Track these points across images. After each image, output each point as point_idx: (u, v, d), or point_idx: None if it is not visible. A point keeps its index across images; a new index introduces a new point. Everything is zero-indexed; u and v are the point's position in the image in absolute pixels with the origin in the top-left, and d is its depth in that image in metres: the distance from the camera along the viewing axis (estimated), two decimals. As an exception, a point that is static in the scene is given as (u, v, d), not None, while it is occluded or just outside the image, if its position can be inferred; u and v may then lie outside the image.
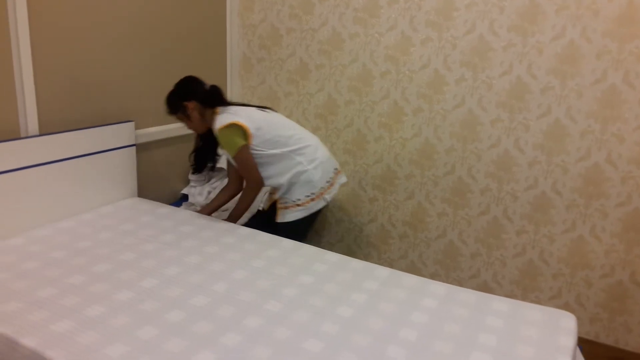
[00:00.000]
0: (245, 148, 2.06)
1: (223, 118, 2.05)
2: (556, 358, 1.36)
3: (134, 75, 2.48)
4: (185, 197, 2.84)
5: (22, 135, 2.02)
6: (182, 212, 2.29)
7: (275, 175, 2.17)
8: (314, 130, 2.86)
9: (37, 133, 2.06)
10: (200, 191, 2.77)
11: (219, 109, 2.12)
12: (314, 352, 1.34)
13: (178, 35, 2.68)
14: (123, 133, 2.39)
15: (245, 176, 2.15)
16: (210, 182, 2.80)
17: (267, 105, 2.43)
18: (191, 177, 2.85)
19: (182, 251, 1.88)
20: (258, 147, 2.10)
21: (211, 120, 2.12)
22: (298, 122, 2.92)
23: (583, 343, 2.42)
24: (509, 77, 2.35)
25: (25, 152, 1.98)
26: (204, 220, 2.21)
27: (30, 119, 2.02)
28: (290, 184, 2.17)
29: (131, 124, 2.42)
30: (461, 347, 1.39)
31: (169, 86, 2.21)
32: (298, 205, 2.18)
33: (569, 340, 1.43)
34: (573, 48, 2.20)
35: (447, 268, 2.69)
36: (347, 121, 2.79)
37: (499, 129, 2.41)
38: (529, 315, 1.56)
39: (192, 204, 2.67)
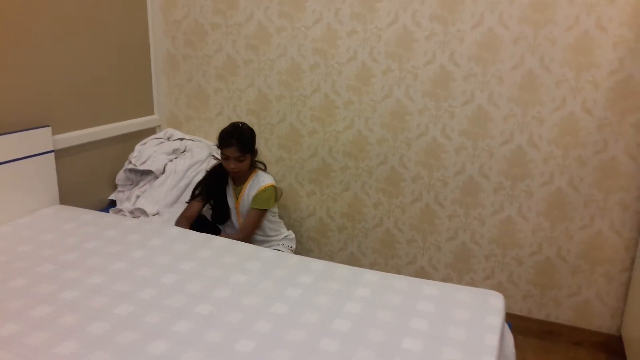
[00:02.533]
0: (267, 212, 2.45)
1: (267, 177, 2.42)
2: (485, 337, 1.39)
3: (50, 77, 2.33)
4: (113, 203, 2.72)
5: None
6: (107, 217, 2.19)
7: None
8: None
9: (-62, 142, 1.90)
10: (129, 196, 2.66)
11: (259, 168, 2.48)
12: (245, 353, 1.30)
13: (97, 33, 2.55)
14: (39, 139, 2.24)
15: (249, 229, 2.41)
16: (139, 185, 2.69)
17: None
18: (118, 181, 2.73)
19: (105, 257, 1.79)
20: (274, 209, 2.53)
21: (247, 174, 2.42)
22: (229, 119, 2.86)
23: (517, 319, 2.52)
24: (433, 67, 2.39)
25: None
26: (130, 222, 2.12)
27: None
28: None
29: (48, 129, 2.28)
30: (393, 334, 1.40)
31: (90, 89, 2.10)
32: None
33: (496, 319, 1.47)
34: (492, 36, 2.27)
35: (386, 256, 2.73)
36: (280, 116, 2.76)
37: (426, 117, 2.46)
38: (459, 297, 1.59)
39: (120, 210, 2.55)
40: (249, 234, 2.41)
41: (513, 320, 2.51)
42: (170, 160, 2.72)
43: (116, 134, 2.73)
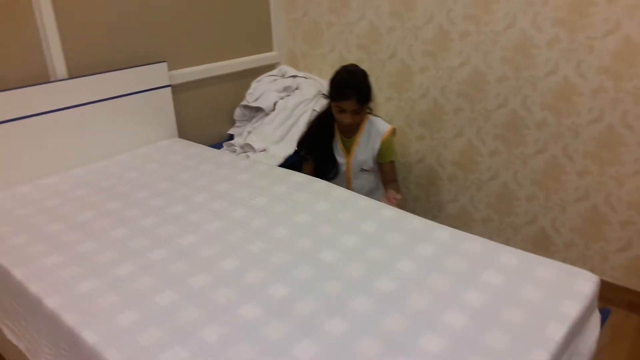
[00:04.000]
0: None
1: (381, 122, 2.12)
2: (549, 326, 1.13)
3: (165, 15, 2.45)
4: (232, 138, 2.85)
5: (51, 79, 2.12)
6: (210, 151, 2.29)
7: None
8: (359, 62, 2.66)
9: (66, 77, 2.15)
10: (242, 131, 2.75)
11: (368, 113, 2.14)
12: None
13: (210, -31, 2.59)
14: (156, 74, 2.41)
15: (391, 179, 2.16)
16: (252, 121, 2.76)
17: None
18: (235, 116, 2.84)
19: (191, 189, 1.88)
20: None
21: (360, 119, 2.07)
22: (341, 56, 2.73)
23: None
24: (571, -14, 1.92)
25: (56, 95, 2.08)
26: (245, 162, 2.18)
27: (58, 63, 2.11)
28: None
29: (164, 65, 2.43)
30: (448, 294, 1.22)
31: (203, 26, 2.16)
32: None
33: (574, 307, 1.19)
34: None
35: (501, 213, 2.42)
36: (390, 51, 2.53)
37: (556, 52, 2.02)
38: (539, 273, 1.32)
39: (232, 144, 2.66)
40: (393, 185, 2.15)
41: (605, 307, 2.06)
42: (282, 98, 2.73)
43: (235, 70, 2.81)
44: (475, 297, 1.24)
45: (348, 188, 1.98)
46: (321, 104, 2.68)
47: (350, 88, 1.93)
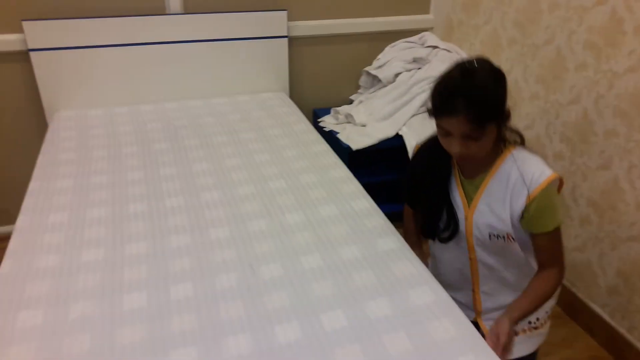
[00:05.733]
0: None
1: (535, 161, 1.13)
2: None
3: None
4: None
5: (166, 12, 2.18)
6: (306, 126, 2.01)
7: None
8: (509, 44, 2.09)
9: (181, 11, 2.19)
10: (359, 99, 2.47)
11: (515, 144, 1.18)
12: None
13: None
14: (274, 22, 2.29)
15: (550, 259, 1.18)
16: (370, 90, 2.45)
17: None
18: (360, 82, 2.57)
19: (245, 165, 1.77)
20: None
21: (491, 156, 1.16)
22: (494, 31, 2.19)
23: None
24: None
25: (168, 28, 2.14)
26: (315, 140, 1.91)
27: (173, -1, 2.15)
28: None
29: (283, 13, 2.29)
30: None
31: None
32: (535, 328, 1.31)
33: None
34: None
35: None
36: (548, 35, 1.90)
37: None
38: None
39: (338, 112, 2.42)
40: (555, 265, 1.18)
41: None
42: (408, 70, 2.34)
43: (371, 30, 2.51)
44: None
45: (470, 263, 1.26)
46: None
47: (460, 96, 1.04)
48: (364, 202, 1.45)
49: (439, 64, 2.25)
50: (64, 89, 2.10)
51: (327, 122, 2.41)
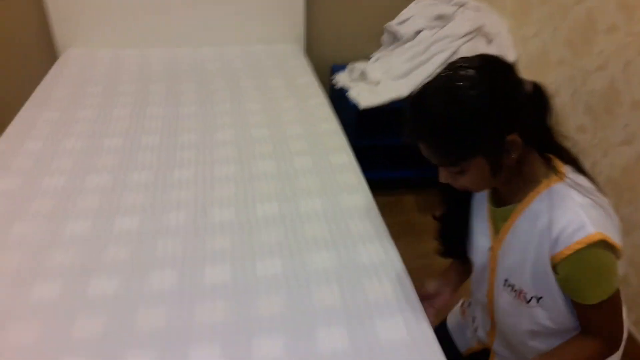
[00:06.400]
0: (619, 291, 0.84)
1: (578, 210, 0.78)
2: None
3: None
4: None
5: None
6: (310, 80, 1.92)
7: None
8: (540, 4, 1.90)
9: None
10: (378, 56, 2.34)
11: (566, 170, 0.85)
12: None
13: None
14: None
15: (594, 330, 0.86)
16: (389, 48, 2.32)
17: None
18: (383, 39, 2.43)
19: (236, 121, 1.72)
20: None
21: (529, 182, 0.85)
22: (521, -14, 1.99)
23: None
24: None
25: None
26: (312, 93, 1.88)
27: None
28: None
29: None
30: None
31: None
32: None
33: None
34: None
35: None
36: (581, -8, 1.70)
37: None
38: None
39: (353, 68, 2.30)
40: (603, 334, 0.86)
41: None
42: (431, 28, 2.19)
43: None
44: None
45: (488, 302, 0.98)
46: (470, 47, 2.06)
47: (419, 121, 0.79)
48: (344, 157, 1.37)
49: (463, 22, 2.09)
50: (76, 25, 2.09)
51: (340, 78, 2.30)
